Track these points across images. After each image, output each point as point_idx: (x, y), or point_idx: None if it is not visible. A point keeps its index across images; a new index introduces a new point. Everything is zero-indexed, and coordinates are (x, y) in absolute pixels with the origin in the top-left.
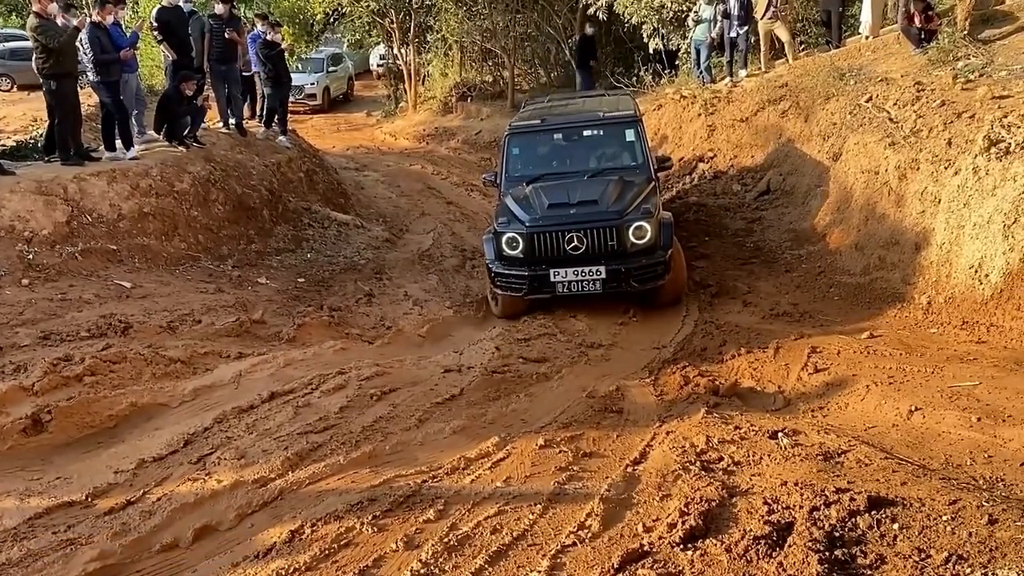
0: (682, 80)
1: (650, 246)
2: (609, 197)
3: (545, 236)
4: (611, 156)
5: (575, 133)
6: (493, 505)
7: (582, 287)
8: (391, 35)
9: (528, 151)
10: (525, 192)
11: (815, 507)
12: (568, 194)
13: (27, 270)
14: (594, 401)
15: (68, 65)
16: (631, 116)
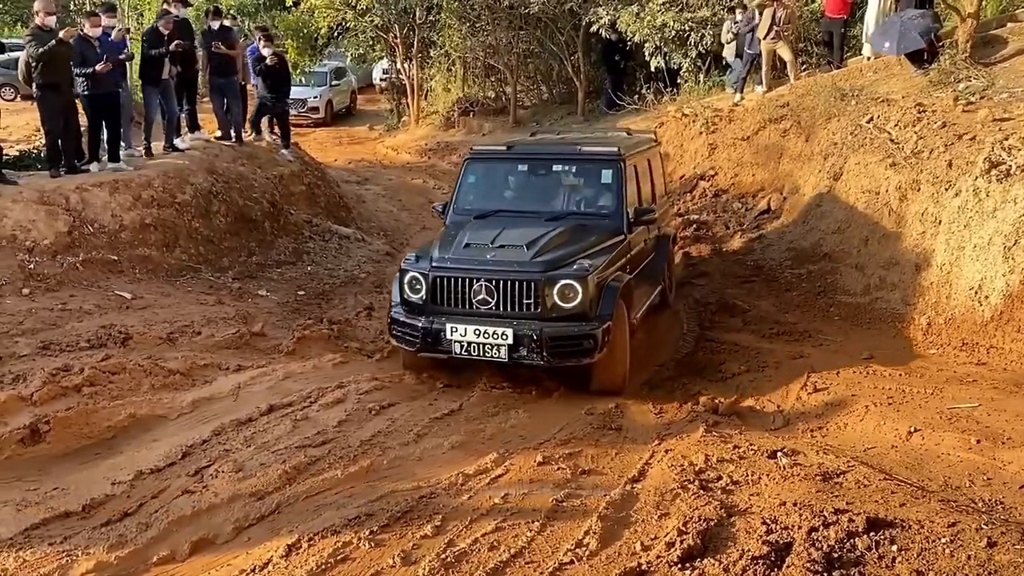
0: (683, 98)
1: (579, 312)
2: (544, 245)
3: (448, 282)
4: (581, 198)
5: (542, 166)
6: (491, 521)
7: (483, 351)
8: (394, 50)
9: (485, 181)
10: (461, 227)
11: (814, 528)
12: (497, 235)
13: (28, 280)
14: (593, 418)
15: (54, 76)
16: (612, 155)
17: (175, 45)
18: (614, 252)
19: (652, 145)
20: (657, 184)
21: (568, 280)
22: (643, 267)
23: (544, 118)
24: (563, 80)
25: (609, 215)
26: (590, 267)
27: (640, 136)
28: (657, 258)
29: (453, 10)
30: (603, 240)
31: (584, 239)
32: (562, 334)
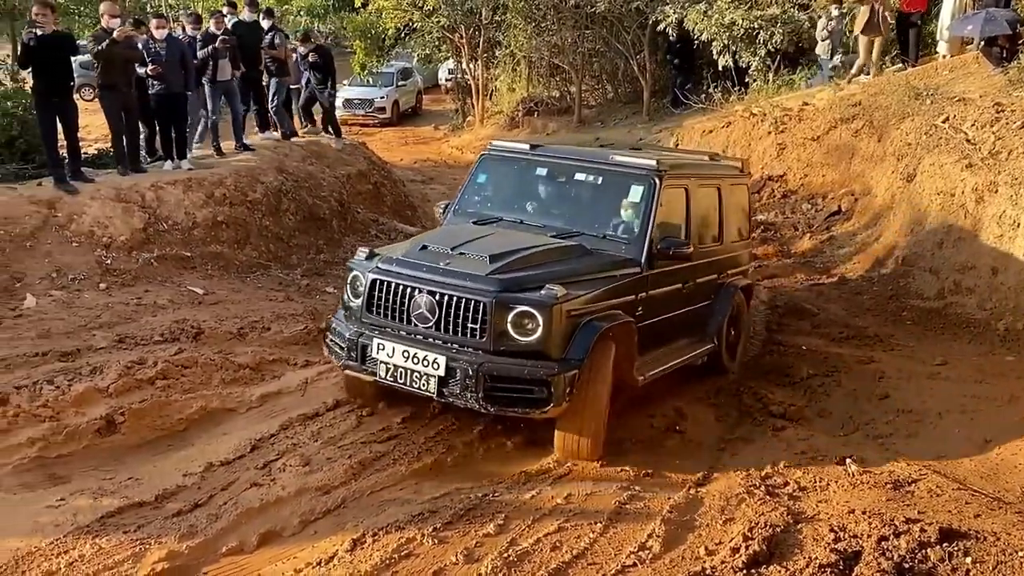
0: (752, 98)
1: (537, 350)
2: (516, 260)
3: (387, 288)
4: (601, 217)
5: (563, 173)
6: (553, 521)
7: (409, 380)
8: (460, 50)
9: (497, 182)
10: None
11: (884, 537)
12: (467, 241)
13: (105, 275)
14: (655, 420)
15: (111, 77)
16: (647, 169)
17: (220, 41)
18: (615, 286)
19: (730, 173)
20: (730, 221)
21: (527, 307)
22: (676, 316)
23: (609, 117)
24: (628, 79)
25: (628, 241)
26: (562, 296)
27: (719, 160)
28: (707, 310)
29: (519, 10)
30: (606, 269)
31: (579, 263)
32: (506, 374)
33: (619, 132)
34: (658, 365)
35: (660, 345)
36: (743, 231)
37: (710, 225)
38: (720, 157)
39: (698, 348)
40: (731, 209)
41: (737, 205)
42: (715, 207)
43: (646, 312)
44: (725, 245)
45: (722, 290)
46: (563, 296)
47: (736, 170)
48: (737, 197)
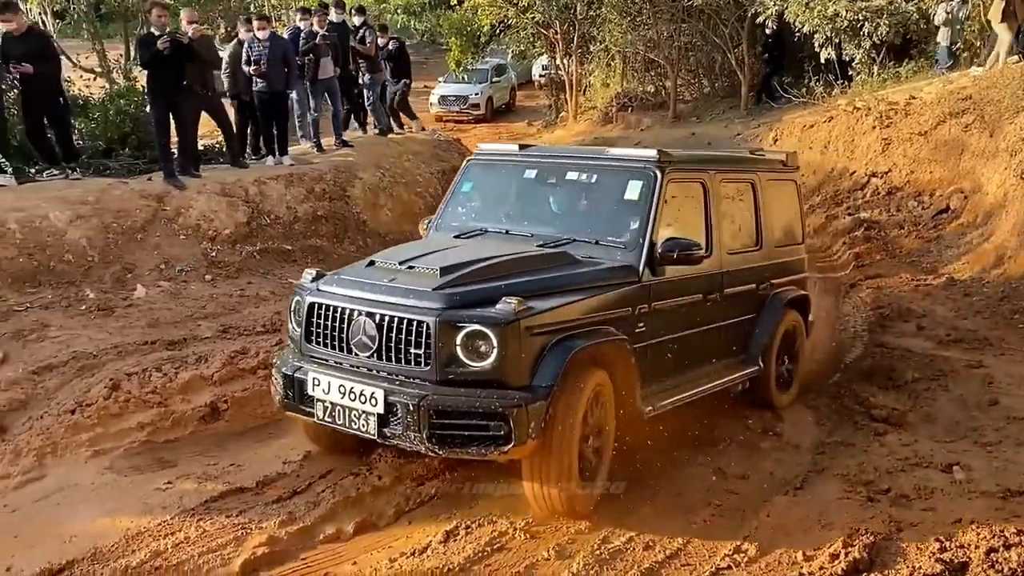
0: (855, 91)
1: (493, 378)
2: (473, 272)
3: (326, 312)
4: (595, 220)
5: (553, 174)
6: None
7: (348, 419)
8: (554, 46)
9: (484, 190)
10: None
11: (993, 548)
12: (423, 254)
13: (210, 267)
14: (752, 422)
15: (188, 76)
16: (645, 161)
17: (320, 38)
18: (602, 297)
19: (769, 167)
20: (772, 222)
21: (478, 326)
22: (700, 333)
23: (705, 112)
24: (726, 73)
25: (625, 245)
26: (521, 309)
27: (756, 155)
28: (748, 327)
29: (614, 5)
30: (592, 279)
31: (558, 273)
32: (454, 407)
33: (715, 127)
34: (676, 392)
35: (679, 368)
36: (793, 233)
37: (741, 226)
38: (763, 152)
39: (735, 372)
40: (772, 208)
41: (782, 204)
42: (749, 206)
43: (651, 329)
44: (766, 250)
45: (768, 303)
46: (523, 310)
47: (778, 164)
48: (781, 195)
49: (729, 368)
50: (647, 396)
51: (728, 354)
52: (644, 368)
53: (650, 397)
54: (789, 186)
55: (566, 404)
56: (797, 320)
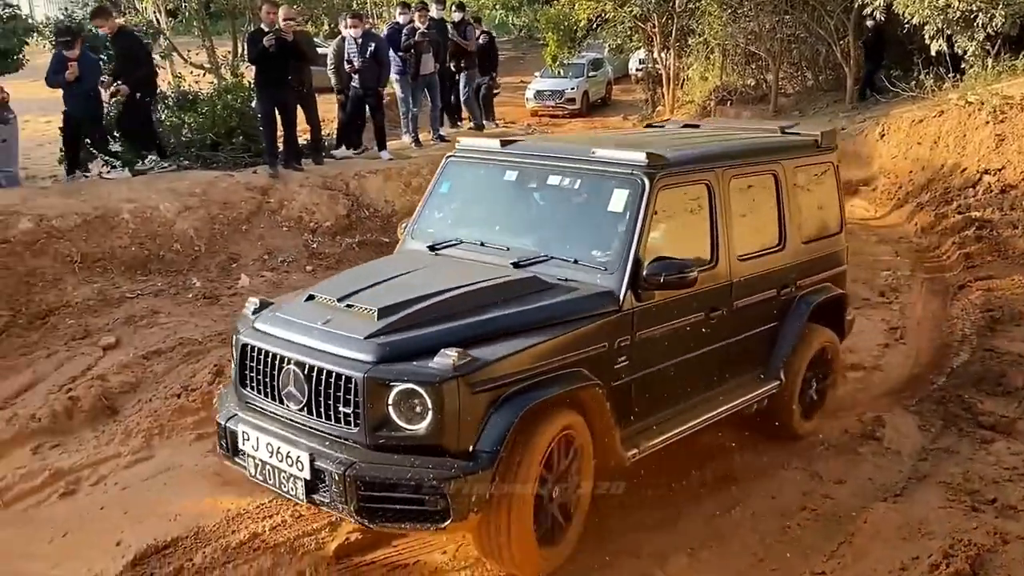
0: (968, 85)
1: (430, 444)
2: (418, 312)
3: (256, 356)
4: (573, 235)
5: (535, 177)
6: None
7: (278, 481)
8: (652, 39)
9: (463, 193)
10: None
11: None
12: (369, 288)
13: (311, 258)
14: (851, 426)
15: (271, 74)
16: (633, 165)
17: (419, 35)
18: (573, 334)
19: (797, 152)
20: (800, 215)
21: (412, 385)
22: (703, 355)
23: (808, 106)
24: (830, 66)
25: (605, 267)
26: (461, 363)
27: (789, 135)
28: (766, 338)
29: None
30: (563, 312)
31: (521, 307)
32: (383, 479)
33: (819, 121)
34: (671, 427)
35: (675, 398)
36: (828, 224)
37: (759, 226)
38: (794, 130)
39: (750, 392)
40: (801, 199)
41: (814, 192)
42: (769, 201)
43: (636, 362)
44: (791, 248)
45: (793, 308)
46: (464, 364)
47: (809, 146)
48: (813, 182)
49: (742, 388)
50: (631, 437)
51: (741, 372)
52: (626, 408)
53: (635, 438)
54: (824, 170)
55: (516, 470)
56: (827, 333)
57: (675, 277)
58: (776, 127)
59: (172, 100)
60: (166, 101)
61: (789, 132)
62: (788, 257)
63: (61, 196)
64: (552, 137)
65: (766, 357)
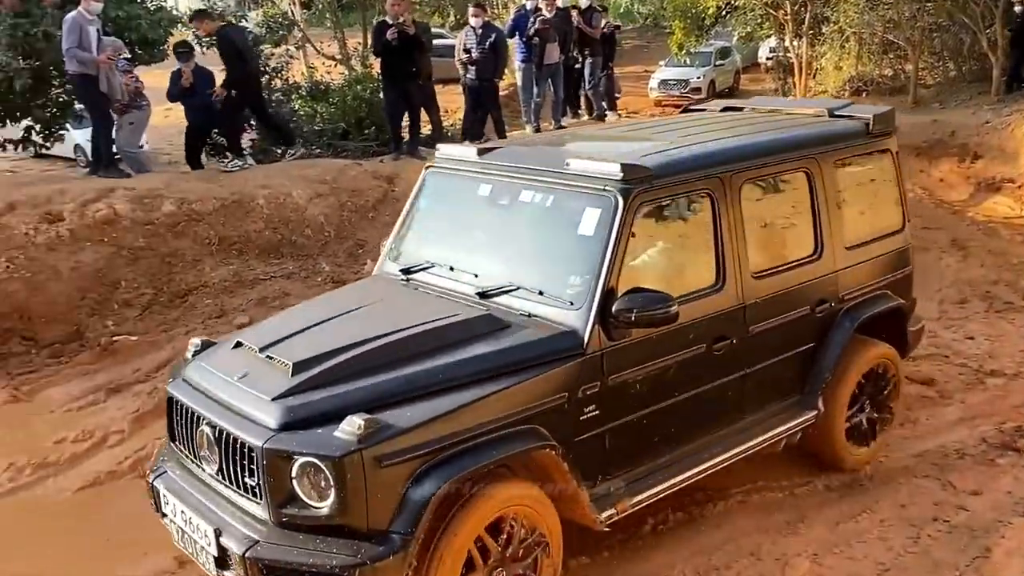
0: None
1: (339, 523)
2: (340, 367)
3: (178, 409)
4: (544, 262)
5: (506, 192)
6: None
7: (195, 550)
8: (784, 27)
9: (440, 208)
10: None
11: None
12: (297, 334)
13: None
14: (990, 435)
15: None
16: (607, 179)
17: (540, 22)
18: (520, 387)
19: (839, 140)
20: (843, 217)
21: (310, 456)
22: (694, 398)
23: (950, 98)
24: (975, 56)
25: (570, 300)
26: (367, 432)
27: (823, 124)
28: (788, 366)
29: None
30: (508, 360)
31: (464, 355)
32: (284, 563)
33: (961, 114)
34: (666, 477)
35: (670, 444)
36: (885, 222)
37: (785, 235)
38: (846, 112)
39: (775, 427)
40: (846, 196)
41: (865, 186)
42: (801, 203)
43: (614, 409)
44: (831, 256)
45: (835, 325)
46: (369, 434)
47: (856, 134)
48: (863, 174)
49: (766, 422)
50: (607, 496)
51: (764, 404)
52: (600, 463)
53: (612, 496)
54: (879, 159)
55: (436, 557)
56: (882, 348)
57: (647, 315)
58: (824, 109)
59: (305, 90)
60: (299, 91)
61: (839, 114)
62: (826, 267)
63: (201, 181)
64: (539, 140)
65: (799, 384)
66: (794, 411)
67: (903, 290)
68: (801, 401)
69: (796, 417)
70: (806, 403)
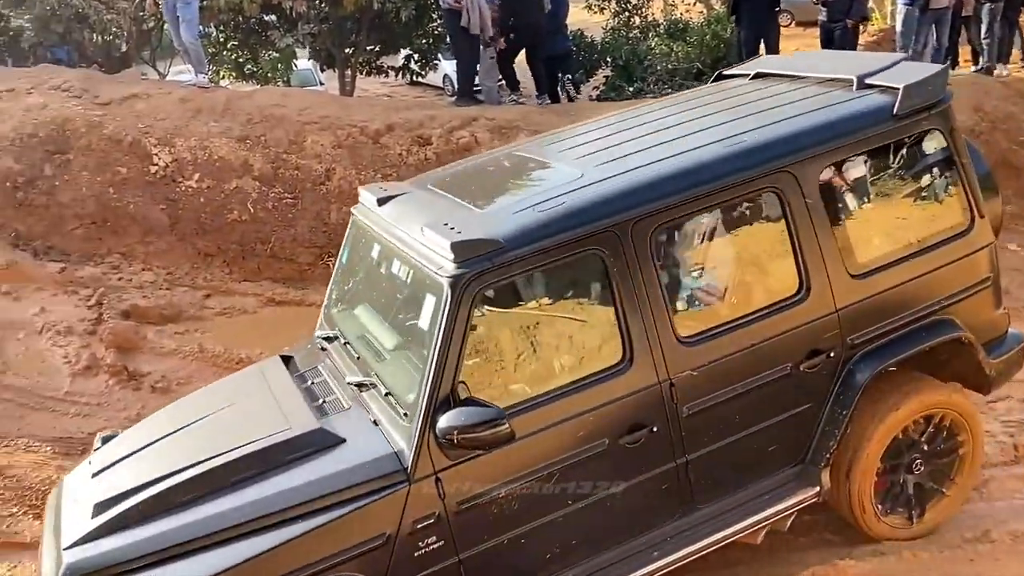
0: None
1: None
2: (140, 508)
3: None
4: (396, 353)
5: (385, 260)
6: None
7: None
8: None
9: (353, 267)
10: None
11: None
12: (139, 451)
13: None
14: None
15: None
16: (438, 260)
17: None
18: (312, 532)
19: (846, 141)
20: (846, 238)
21: None
22: (602, 500)
23: None
24: None
25: (404, 412)
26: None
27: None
28: (766, 437)
29: None
30: (314, 493)
31: (278, 487)
32: None
33: None
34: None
35: (570, 557)
36: (934, 224)
37: (745, 278)
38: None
39: (742, 518)
40: (848, 208)
41: (892, 183)
42: (774, 229)
43: (468, 536)
44: (825, 292)
45: (843, 378)
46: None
47: (875, 114)
48: (884, 169)
49: (736, 510)
50: None
51: (728, 490)
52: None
53: None
54: (920, 143)
55: None
56: (940, 392)
57: (470, 437)
58: (853, 76)
59: (663, 28)
60: (657, 29)
61: (871, 82)
62: (817, 308)
63: (555, 115)
64: (450, 179)
65: (792, 453)
66: (784, 489)
67: (978, 308)
68: (798, 475)
69: (786, 498)
70: (804, 478)
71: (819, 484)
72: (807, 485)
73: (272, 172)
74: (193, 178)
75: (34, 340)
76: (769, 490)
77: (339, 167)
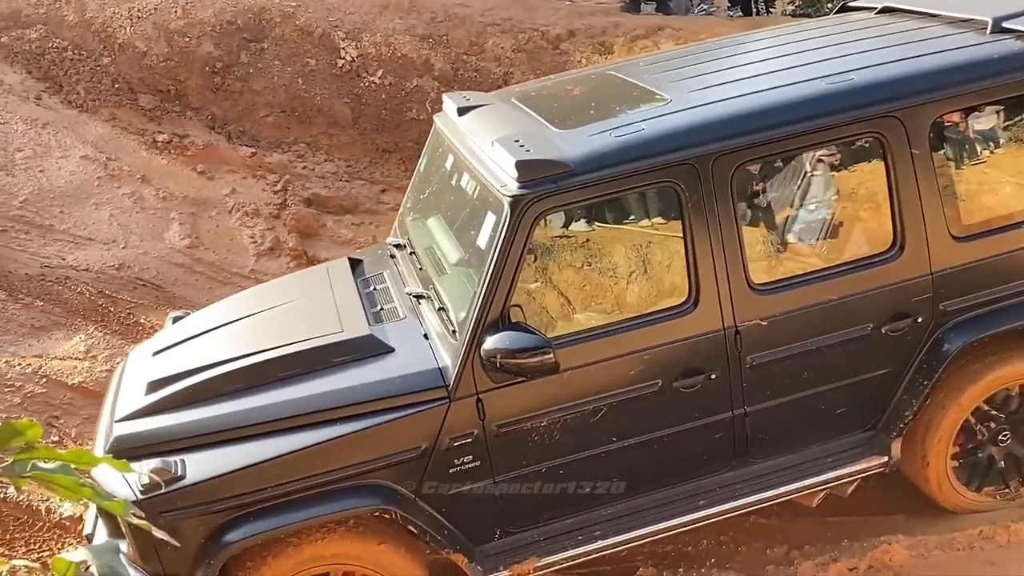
0: None
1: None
2: (178, 396)
3: None
4: (452, 269)
5: (455, 171)
6: None
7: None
8: None
9: (429, 176)
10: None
11: None
12: (204, 333)
13: None
14: None
15: None
16: (503, 178)
17: None
18: (350, 435)
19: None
20: (953, 195)
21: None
22: (651, 440)
23: None
24: None
25: (454, 329)
26: (153, 485)
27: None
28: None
29: None
30: (354, 397)
31: (319, 388)
32: None
33: None
34: (606, 534)
35: (612, 495)
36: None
37: (834, 228)
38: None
39: (800, 478)
40: (961, 164)
41: (1012, 141)
42: (873, 180)
43: (506, 459)
44: (922, 251)
45: (929, 347)
46: (154, 483)
47: (1008, 61)
48: (1009, 123)
49: (795, 469)
50: (499, 554)
51: (788, 447)
52: (491, 519)
53: (514, 553)
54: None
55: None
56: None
57: (513, 362)
58: (988, 18)
59: None
60: None
61: (1008, 26)
62: (910, 268)
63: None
64: (543, 91)
65: (863, 417)
66: (849, 455)
67: None
68: (866, 442)
69: (849, 464)
70: (873, 445)
71: (888, 454)
72: (875, 454)
73: (452, 73)
74: (376, 74)
75: (224, 219)
76: (832, 453)
77: (517, 72)
